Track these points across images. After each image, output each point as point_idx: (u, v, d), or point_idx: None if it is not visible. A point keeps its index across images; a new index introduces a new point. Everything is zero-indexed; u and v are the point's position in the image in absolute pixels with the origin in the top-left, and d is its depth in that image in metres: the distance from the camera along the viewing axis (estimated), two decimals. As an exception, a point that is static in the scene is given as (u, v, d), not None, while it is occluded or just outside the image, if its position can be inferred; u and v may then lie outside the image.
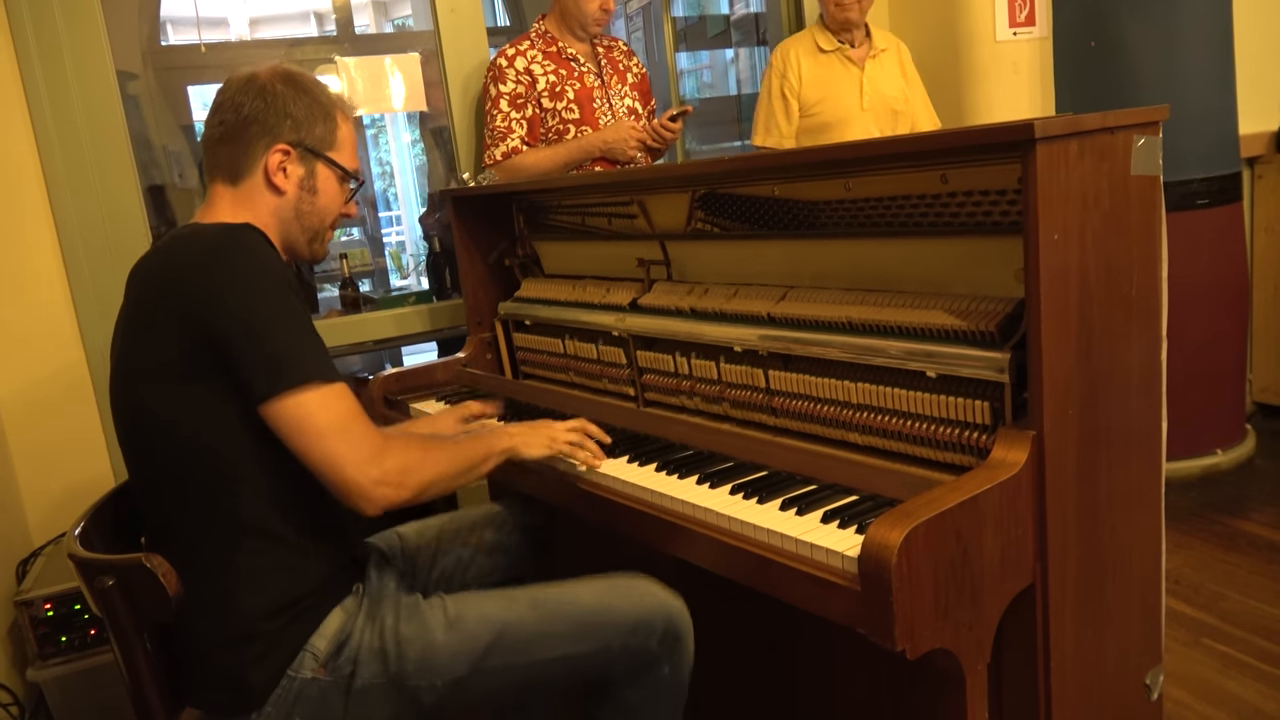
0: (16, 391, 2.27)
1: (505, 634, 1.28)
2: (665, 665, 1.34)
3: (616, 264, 1.89)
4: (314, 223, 1.39)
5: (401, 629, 1.26)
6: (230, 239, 1.22)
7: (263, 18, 6.49)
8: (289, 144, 1.33)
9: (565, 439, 1.46)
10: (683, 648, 1.35)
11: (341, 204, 1.43)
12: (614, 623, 1.31)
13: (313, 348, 1.20)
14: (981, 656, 1.09)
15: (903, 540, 0.96)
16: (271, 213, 1.35)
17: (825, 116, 2.73)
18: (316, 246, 1.43)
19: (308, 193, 1.36)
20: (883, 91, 2.78)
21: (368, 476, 1.18)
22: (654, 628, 1.32)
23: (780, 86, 2.76)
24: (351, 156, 1.42)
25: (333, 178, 1.39)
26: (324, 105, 1.37)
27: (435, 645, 1.26)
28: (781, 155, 1.55)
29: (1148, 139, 1.16)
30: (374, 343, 2.81)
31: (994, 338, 1.17)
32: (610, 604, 1.33)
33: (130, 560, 1.13)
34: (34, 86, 2.22)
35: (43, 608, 1.98)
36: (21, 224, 2.25)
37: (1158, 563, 1.32)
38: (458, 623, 1.28)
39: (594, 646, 1.30)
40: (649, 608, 1.33)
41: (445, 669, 1.26)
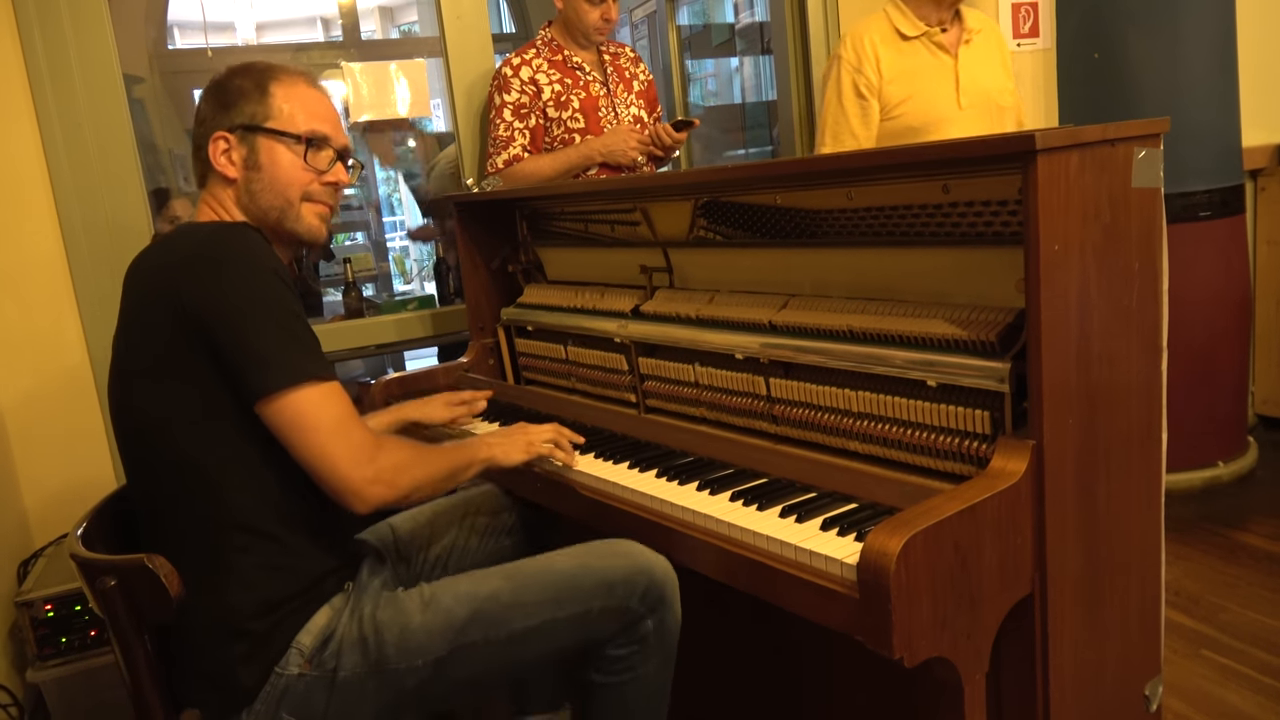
0: (20, 393, 2.28)
1: (482, 608, 1.28)
2: (649, 621, 1.32)
3: (619, 271, 1.89)
4: (271, 199, 1.35)
5: (379, 615, 1.27)
6: (223, 237, 1.23)
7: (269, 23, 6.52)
8: (225, 131, 1.34)
9: (541, 442, 1.48)
10: (667, 605, 1.33)
11: (303, 170, 1.36)
12: (592, 584, 1.30)
13: (307, 345, 1.20)
14: (980, 665, 1.09)
15: (901, 548, 0.96)
16: (234, 202, 1.36)
17: (913, 118, 2.20)
18: (293, 225, 1.37)
19: (253, 170, 1.34)
20: (982, 85, 2.24)
21: (361, 475, 1.19)
22: (634, 586, 1.31)
23: (854, 83, 2.22)
24: (302, 119, 1.35)
25: (279, 147, 1.34)
26: (253, 81, 1.35)
27: (411, 627, 1.26)
28: (783, 164, 1.56)
29: (1149, 151, 1.17)
30: (376, 347, 2.82)
31: (994, 348, 1.18)
32: (588, 565, 1.32)
33: (132, 561, 1.13)
34: (41, 89, 2.24)
35: (43, 608, 1.99)
36: (27, 227, 2.26)
37: (1157, 573, 1.32)
38: (433, 602, 1.28)
39: (573, 610, 1.29)
40: (629, 567, 1.32)
41: (424, 649, 1.25)
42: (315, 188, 1.37)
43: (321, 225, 1.40)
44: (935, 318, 1.26)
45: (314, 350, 1.21)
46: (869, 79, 2.21)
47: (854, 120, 2.23)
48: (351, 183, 1.43)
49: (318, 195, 1.38)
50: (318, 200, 1.39)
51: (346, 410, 1.21)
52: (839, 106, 2.25)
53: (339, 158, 1.40)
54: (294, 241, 1.40)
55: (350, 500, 1.20)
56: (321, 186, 1.38)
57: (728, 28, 5.04)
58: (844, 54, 2.26)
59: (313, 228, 1.39)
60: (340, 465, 1.18)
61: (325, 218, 1.41)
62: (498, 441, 1.45)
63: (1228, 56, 2.83)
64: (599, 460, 1.55)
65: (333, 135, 1.39)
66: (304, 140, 1.36)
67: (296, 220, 1.37)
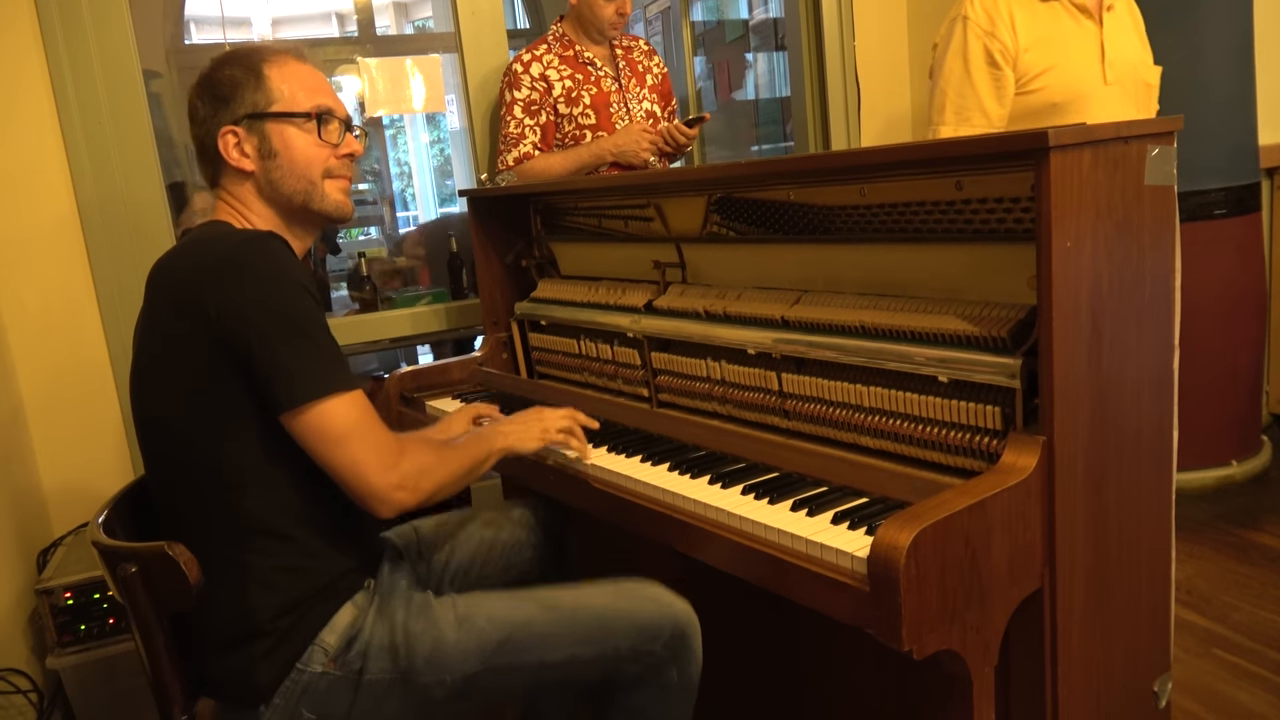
0: (40, 386, 2.31)
1: (514, 634, 1.30)
2: (672, 669, 1.35)
3: (632, 266, 1.90)
4: (294, 183, 1.34)
5: (411, 625, 1.28)
6: (252, 247, 1.22)
7: (284, 18, 6.55)
8: (231, 125, 1.32)
9: (557, 429, 1.49)
10: (689, 651, 1.36)
11: (319, 146, 1.35)
12: (621, 626, 1.33)
13: (332, 356, 1.21)
14: (989, 659, 1.10)
15: (911, 542, 0.97)
16: (255, 196, 1.35)
17: (1054, 93, 1.87)
18: (319, 204, 1.36)
19: (269, 159, 1.33)
20: (1128, 57, 1.94)
21: (387, 481, 1.20)
22: (660, 631, 1.33)
23: (985, 49, 1.85)
24: (303, 96, 1.34)
25: (290, 130, 1.33)
26: (243, 68, 1.32)
27: (445, 642, 1.28)
28: (797, 161, 1.56)
29: (1162, 149, 1.17)
30: (389, 341, 2.84)
31: (1006, 344, 1.18)
32: (617, 607, 1.34)
33: (153, 548, 1.15)
34: (62, 84, 2.26)
35: (62, 596, 2.01)
36: (47, 220, 2.29)
37: (1167, 570, 1.33)
38: (467, 621, 1.30)
39: (600, 649, 1.32)
40: (655, 612, 1.35)
41: (455, 666, 1.27)
42: (333, 163, 1.37)
43: (346, 200, 1.40)
44: (947, 314, 1.26)
45: (339, 361, 1.22)
46: (1003, 43, 1.83)
47: (985, 94, 1.86)
48: (363, 151, 1.41)
49: (337, 170, 1.38)
50: (338, 175, 1.38)
51: (370, 418, 1.22)
52: (965, 77, 1.87)
53: (346, 128, 1.39)
54: (323, 221, 1.39)
55: (375, 506, 1.22)
56: (338, 160, 1.37)
57: (742, 24, 5.04)
58: (970, 13, 1.88)
59: (339, 203, 1.39)
60: (366, 473, 1.19)
61: (347, 191, 1.40)
62: (513, 430, 1.45)
63: (1244, 53, 2.82)
64: (612, 454, 1.56)
65: (335, 106, 1.37)
66: (313, 117, 1.34)
67: (323, 199, 1.37)
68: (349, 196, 1.40)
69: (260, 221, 1.35)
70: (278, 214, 1.36)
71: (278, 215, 1.36)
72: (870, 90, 3.20)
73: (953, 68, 1.90)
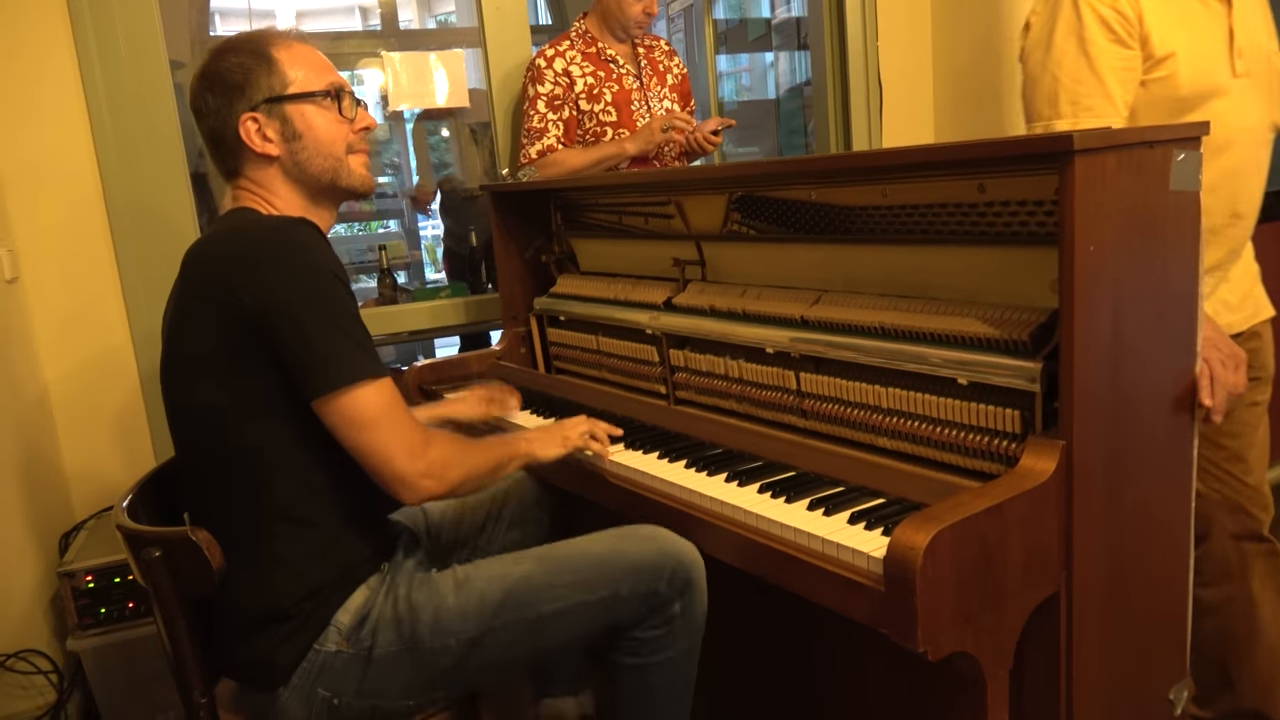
0: (64, 372, 2.34)
1: (514, 590, 1.31)
2: (675, 604, 1.34)
3: (651, 263, 1.91)
4: (322, 163, 1.35)
5: (414, 596, 1.30)
6: (284, 235, 1.22)
7: (309, 10, 6.59)
8: (250, 111, 1.32)
9: (577, 437, 1.51)
10: (694, 589, 1.35)
11: (340, 123, 1.36)
12: (621, 567, 1.33)
13: (362, 343, 1.22)
14: (1003, 662, 1.10)
15: (928, 543, 0.97)
16: (280, 180, 1.35)
17: (1181, 85, 1.54)
18: (347, 180, 1.38)
19: (294, 141, 1.33)
20: (1259, 44, 1.63)
21: (414, 469, 1.22)
22: (662, 570, 1.33)
23: (1104, 23, 1.51)
24: (315, 76, 1.35)
25: (310, 109, 1.34)
26: (253, 55, 1.32)
27: (446, 607, 1.29)
28: (819, 160, 1.56)
29: (1188, 154, 1.16)
30: (409, 334, 2.86)
31: (1026, 347, 1.18)
32: (618, 549, 1.35)
33: (176, 533, 1.17)
34: (90, 73, 2.28)
35: (84, 579, 2.04)
36: (75, 209, 2.32)
37: (1185, 578, 1.32)
38: (466, 583, 1.32)
39: (602, 594, 1.32)
40: (657, 551, 1.34)
41: (458, 629, 1.29)
42: (352, 138, 1.38)
43: (368, 174, 1.41)
44: (968, 316, 1.26)
45: (369, 348, 1.23)
46: (1127, 17, 1.51)
47: (1108, 77, 1.51)
48: (376, 125, 1.43)
49: (356, 144, 1.39)
50: (358, 150, 1.40)
51: (399, 406, 1.24)
52: (1081, 60, 1.52)
53: (357, 102, 1.40)
54: (347, 196, 1.41)
55: (401, 492, 1.24)
56: (356, 135, 1.39)
57: (764, 22, 5.03)
58: None
59: (364, 178, 1.41)
60: (395, 460, 1.21)
61: (367, 165, 1.42)
62: (536, 437, 1.48)
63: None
64: (629, 450, 1.57)
65: (344, 83, 1.38)
66: (331, 95, 1.35)
67: (349, 175, 1.38)
68: (369, 170, 1.43)
69: (284, 205, 1.36)
70: (304, 195, 1.37)
71: (303, 196, 1.37)
72: (892, 89, 3.19)
73: (1064, 48, 1.54)
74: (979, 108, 3.02)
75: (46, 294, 2.31)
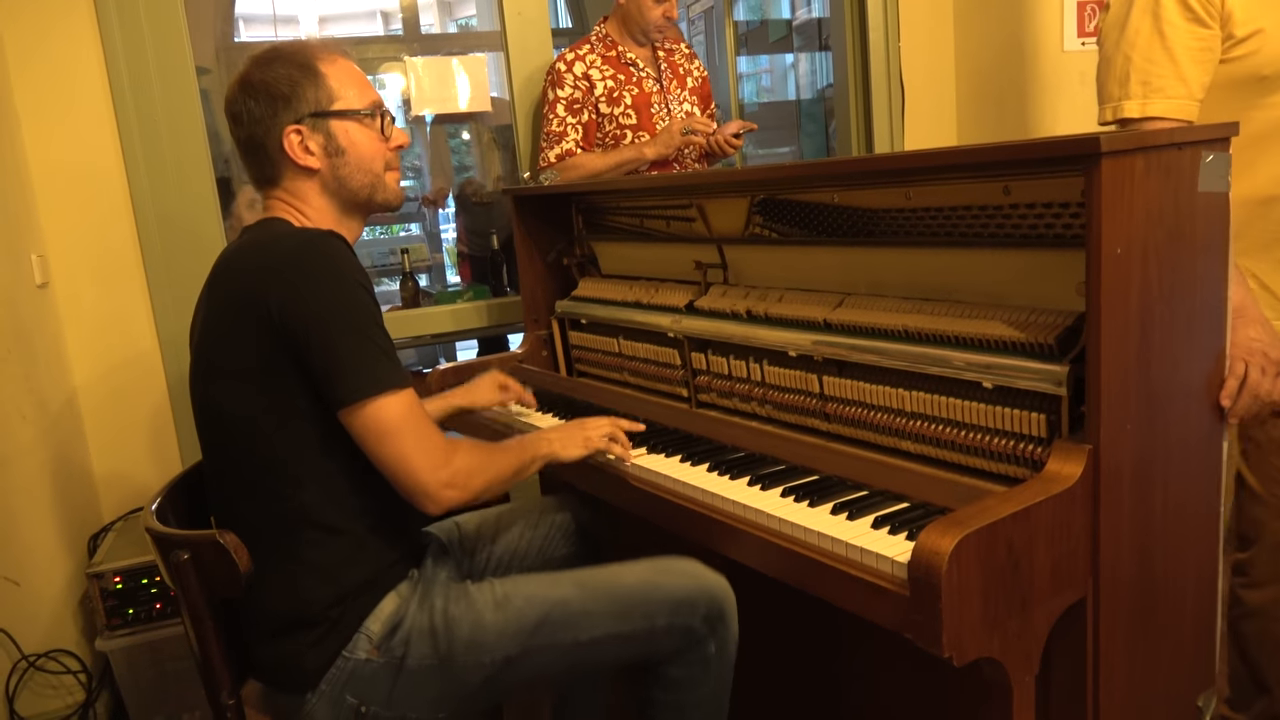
0: (94, 377, 2.37)
1: (552, 613, 1.31)
2: (711, 643, 1.36)
3: (673, 266, 1.91)
4: (361, 179, 1.38)
5: (451, 610, 1.30)
6: (314, 248, 1.24)
7: (331, 16, 6.65)
8: (296, 123, 1.33)
9: (599, 437, 1.51)
10: (727, 625, 1.37)
11: (379, 141, 1.39)
12: (658, 600, 1.33)
13: (387, 355, 1.23)
14: (1029, 667, 1.09)
15: (954, 548, 0.96)
16: (319, 193, 1.37)
17: (1261, 63, 1.44)
18: (383, 195, 1.41)
19: (336, 156, 1.35)
20: None
21: (437, 479, 1.23)
22: (697, 605, 1.34)
23: (1184, 3, 1.41)
24: (358, 93, 1.37)
25: (353, 126, 1.36)
26: (301, 68, 1.33)
27: (484, 624, 1.30)
28: (842, 163, 1.56)
29: (1216, 155, 1.15)
30: (431, 336, 2.87)
31: (1053, 350, 1.17)
32: (654, 582, 1.35)
33: (204, 536, 1.18)
34: (118, 79, 2.32)
35: (112, 580, 2.07)
36: (104, 215, 2.35)
37: (1214, 584, 1.30)
38: (505, 602, 1.32)
39: (639, 625, 1.32)
40: (692, 586, 1.35)
41: (494, 647, 1.29)
42: (389, 155, 1.41)
43: (400, 189, 1.45)
44: (993, 319, 1.25)
45: (394, 359, 1.24)
46: None
47: (1183, 57, 1.42)
48: (409, 143, 1.46)
49: (393, 162, 1.42)
50: (394, 167, 1.43)
51: (422, 416, 1.25)
52: (1155, 39, 1.43)
53: (392, 120, 1.43)
54: (380, 210, 1.43)
55: (424, 503, 1.24)
56: (391, 152, 1.42)
57: (785, 24, 5.02)
58: None
59: (398, 194, 1.44)
60: (418, 470, 1.22)
61: (400, 181, 1.45)
62: (557, 437, 1.48)
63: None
64: (651, 454, 1.57)
65: (381, 101, 1.42)
66: (373, 114, 1.38)
67: (386, 190, 1.42)
68: (400, 186, 1.47)
69: (317, 217, 1.37)
70: (337, 208, 1.39)
71: (337, 209, 1.39)
72: (915, 90, 3.17)
73: (1139, 27, 1.46)
74: (1002, 108, 3.00)
75: (76, 299, 2.34)
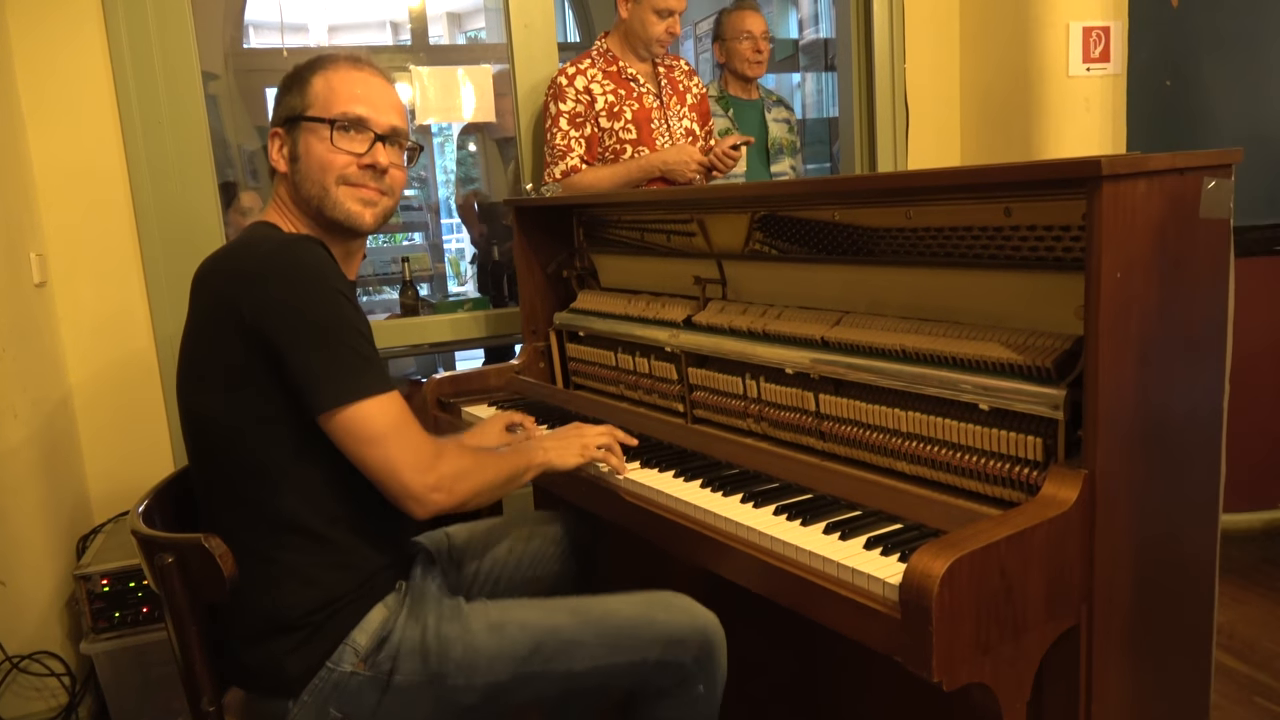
0: (89, 377, 2.37)
1: (545, 641, 1.30)
2: (700, 682, 1.35)
3: (673, 281, 1.90)
4: (310, 187, 1.33)
5: (444, 629, 1.29)
6: (291, 253, 1.23)
7: (341, 25, 6.68)
8: (276, 128, 1.36)
9: (596, 446, 1.50)
10: (716, 664, 1.36)
11: (332, 151, 1.32)
12: (651, 636, 1.32)
13: (367, 359, 1.22)
14: (1021, 694, 1.07)
15: (946, 571, 0.95)
16: (288, 197, 1.38)
17: None
18: (331, 212, 1.33)
19: (295, 162, 1.34)
20: None
21: (423, 482, 1.22)
22: (689, 643, 1.33)
23: None
24: (332, 103, 1.32)
25: (311, 135, 1.33)
26: (299, 75, 1.35)
27: (477, 648, 1.28)
28: (843, 181, 1.55)
29: (1219, 181, 1.15)
30: (430, 345, 2.86)
31: (1050, 374, 1.16)
32: (648, 617, 1.34)
33: (190, 540, 1.17)
34: (124, 82, 2.32)
35: (100, 583, 2.05)
36: (105, 217, 2.35)
37: (1209, 613, 1.29)
38: (500, 628, 1.30)
39: (631, 658, 1.32)
40: (685, 623, 1.34)
41: (485, 671, 1.28)
42: (352, 171, 1.33)
43: (363, 210, 1.35)
44: (991, 341, 1.25)
45: (372, 364, 1.22)
46: None
47: None
48: (388, 164, 1.36)
49: (355, 178, 1.34)
50: (356, 184, 1.34)
51: (407, 418, 1.23)
52: None
53: (381, 139, 1.35)
54: (338, 229, 1.36)
55: (411, 506, 1.23)
56: (360, 170, 1.33)
57: (791, 43, 5.03)
58: None
59: (351, 213, 1.34)
60: (402, 473, 1.21)
61: (368, 201, 1.35)
62: (553, 445, 1.46)
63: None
64: (645, 468, 1.56)
65: (370, 116, 1.34)
66: (330, 123, 1.32)
67: (334, 206, 1.34)
68: (370, 207, 1.36)
69: (301, 224, 1.37)
70: (307, 217, 1.37)
71: (307, 219, 1.37)
72: (919, 114, 3.18)
73: None
74: (1007, 133, 3.00)
75: (74, 299, 2.34)
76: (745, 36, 3.00)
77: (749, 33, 2.99)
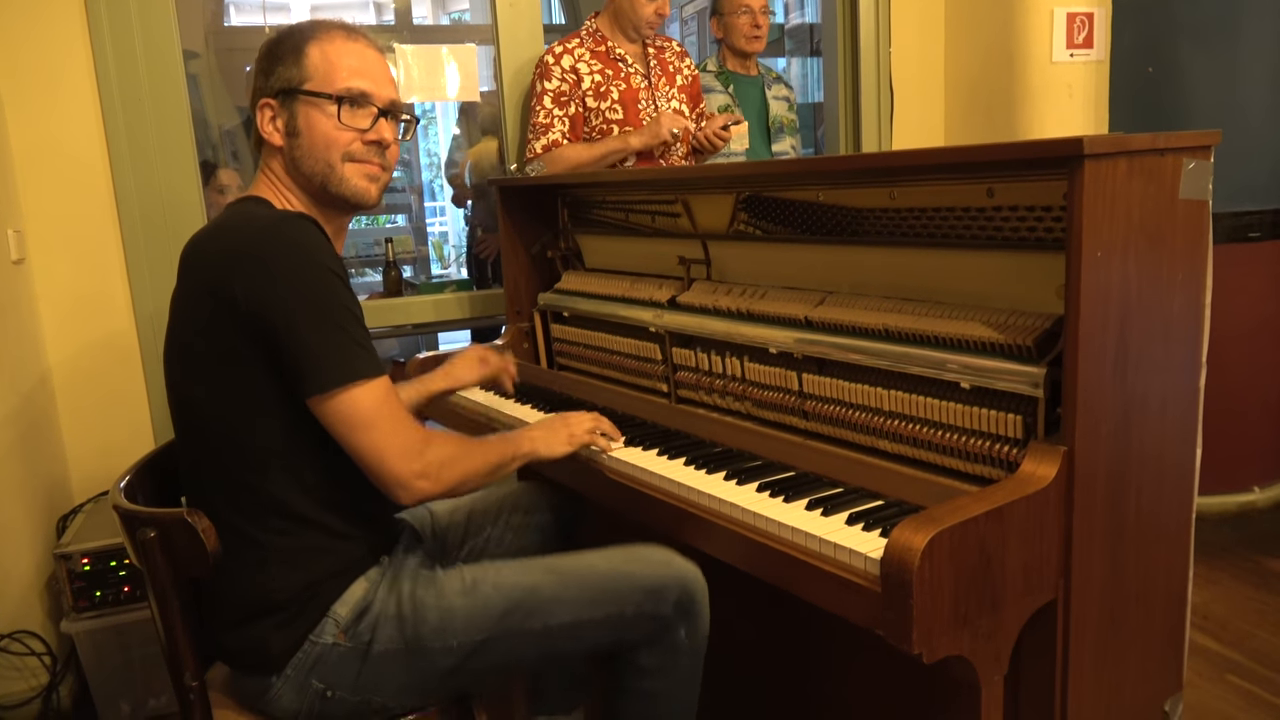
0: (68, 355, 2.34)
1: (522, 599, 1.30)
2: (680, 629, 1.34)
3: (657, 261, 1.91)
4: (312, 164, 1.31)
5: (419, 594, 1.29)
6: (281, 231, 1.21)
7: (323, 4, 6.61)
8: (268, 98, 1.31)
9: (583, 434, 1.50)
10: (698, 613, 1.35)
11: (339, 128, 1.30)
12: (629, 587, 1.32)
13: (360, 342, 1.21)
14: (999, 667, 1.09)
15: (926, 544, 0.96)
16: (282, 171, 1.33)
17: None
18: (338, 188, 1.32)
19: (294, 137, 1.31)
20: None
21: (410, 469, 1.22)
22: (668, 593, 1.33)
23: None
24: (333, 77, 1.30)
25: (315, 110, 1.30)
26: (292, 43, 1.31)
27: (453, 609, 1.28)
28: (827, 161, 1.56)
29: (1198, 163, 1.16)
30: (413, 326, 2.85)
31: (1031, 352, 1.18)
32: (625, 569, 1.34)
33: (173, 515, 1.16)
34: (103, 61, 2.29)
35: (80, 562, 2.04)
36: (84, 194, 2.32)
37: (1184, 589, 1.31)
38: (473, 588, 1.31)
39: (609, 611, 1.31)
40: (663, 573, 1.34)
41: (462, 632, 1.28)
42: (357, 147, 1.32)
43: (370, 185, 1.35)
44: (973, 320, 1.26)
45: (366, 347, 1.22)
46: None
47: None
48: (393, 140, 1.35)
49: (361, 155, 1.33)
50: (362, 160, 1.33)
51: (395, 406, 1.23)
52: None
53: (383, 114, 1.34)
54: (342, 205, 1.35)
55: (397, 493, 1.23)
56: (364, 145, 1.33)
57: (777, 28, 5.02)
58: None
59: (359, 189, 1.34)
60: (389, 460, 1.20)
61: (374, 177, 1.35)
62: (540, 435, 1.45)
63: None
64: (629, 447, 1.56)
65: (373, 91, 1.33)
66: (336, 99, 1.30)
67: (341, 183, 1.32)
68: (376, 183, 1.35)
69: (295, 199, 1.35)
70: (306, 193, 1.35)
71: (306, 195, 1.35)
72: (904, 98, 3.19)
73: None
74: (991, 118, 3.02)
75: (52, 276, 2.32)
76: (744, 11, 2.94)
77: (747, 6, 2.94)
